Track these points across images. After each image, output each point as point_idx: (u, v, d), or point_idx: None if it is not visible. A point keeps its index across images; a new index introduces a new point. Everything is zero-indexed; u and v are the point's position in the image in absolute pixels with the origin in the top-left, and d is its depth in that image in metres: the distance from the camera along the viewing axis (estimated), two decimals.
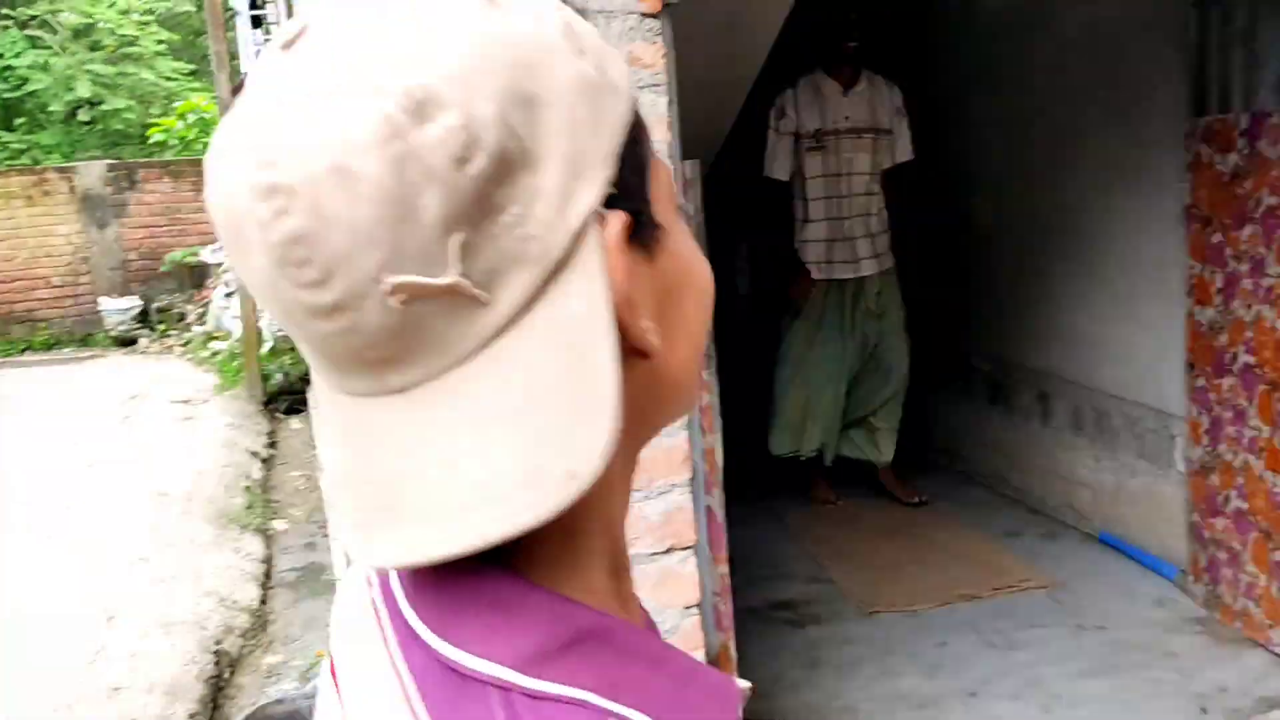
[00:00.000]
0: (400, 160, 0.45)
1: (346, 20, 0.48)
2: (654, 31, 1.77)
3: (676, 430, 1.86)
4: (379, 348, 0.48)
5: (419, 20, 0.47)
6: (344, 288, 0.46)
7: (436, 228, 0.46)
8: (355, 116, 0.45)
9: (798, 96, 4.13)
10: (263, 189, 0.46)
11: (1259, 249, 2.94)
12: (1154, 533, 3.71)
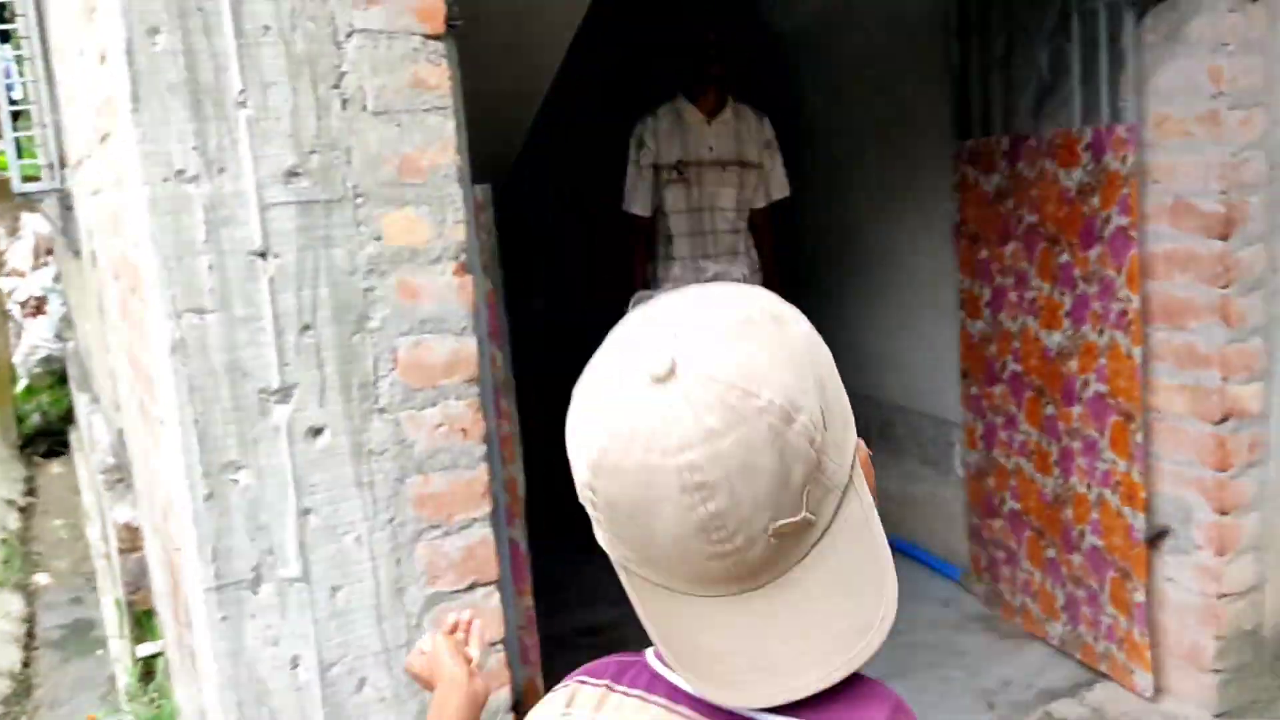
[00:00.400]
0: (781, 451, 0.70)
1: (714, 362, 0.70)
2: (438, 53, 1.71)
3: (475, 462, 1.80)
4: (753, 568, 0.72)
5: (758, 348, 0.72)
6: (744, 539, 0.70)
7: (800, 486, 0.71)
8: (755, 430, 0.69)
9: (658, 125, 3.81)
10: (691, 485, 0.69)
11: (1022, 264, 3.12)
12: (938, 536, 3.89)
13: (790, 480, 0.70)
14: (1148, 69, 2.65)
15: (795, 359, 0.73)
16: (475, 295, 1.80)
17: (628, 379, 0.72)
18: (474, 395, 1.78)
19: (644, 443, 0.70)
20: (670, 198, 3.81)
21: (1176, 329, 2.71)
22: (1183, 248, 2.65)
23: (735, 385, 0.70)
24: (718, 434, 0.69)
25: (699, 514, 0.69)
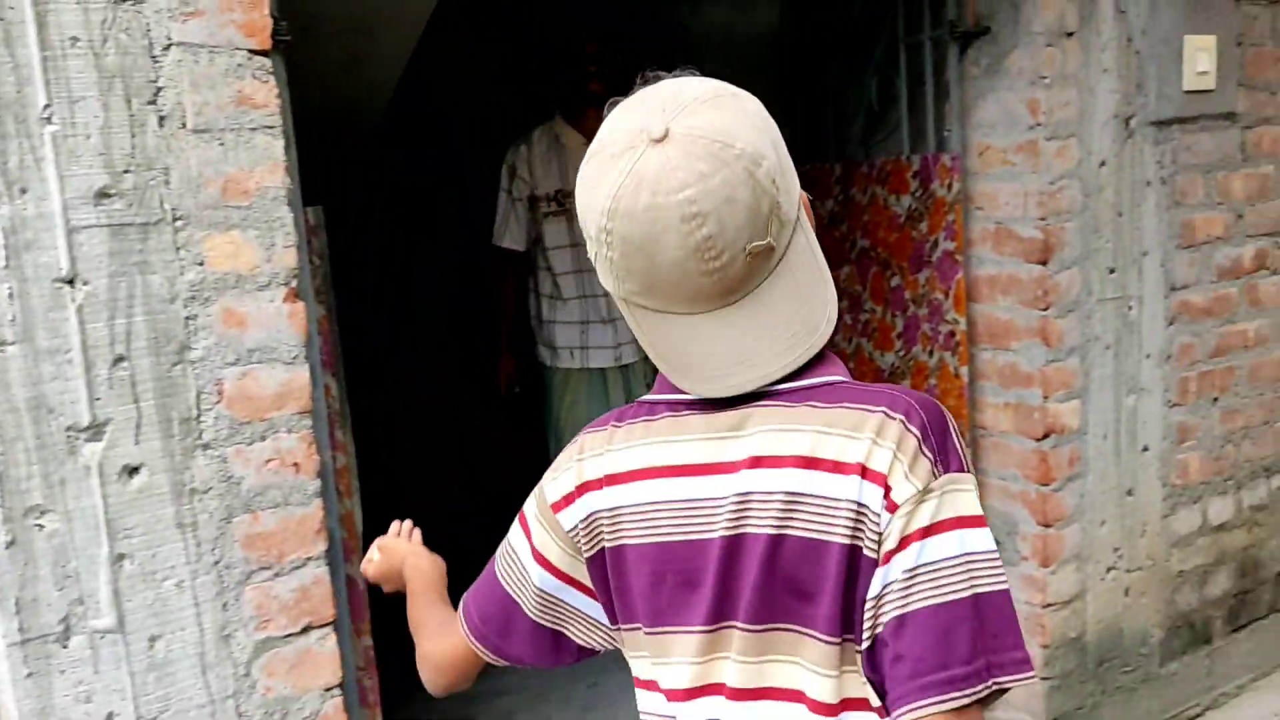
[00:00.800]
0: (753, 188, 0.92)
1: (698, 125, 0.92)
2: (264, 70, 1.63)
3: (308, 498, 1.71)
4: (732, 284, 0.94)
5: (730, 114, 0.94)
6: (728, 257, 0.92)
7: (766, 216, 0.93)
8: (734, 171, 0.91)
9: (531, 152, 3.42)
10: (688, 215, 0.90)
11: (856, 287, 3.21)
12: None
13: (759, 211, 0.93)
14: (970, 100, 2.77)
15: (755, 122, 0.96)
16: (308, 322, 1.72)
17: (631, 141, 0.94)
18: (306, 428, 1.70)
19: (650, 187, 0.92)
20: (551, 233, 3.43)
21: (1000, 349, 2.82)
22: (1005, 272, 2.76)
23: (716, 139, 0.92)
24: (707, 175, 0.91)
25: (695, 238, 0.91)
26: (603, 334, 3.44)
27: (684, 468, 1.01)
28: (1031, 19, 2.58)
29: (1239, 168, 2.96)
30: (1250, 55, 2.93)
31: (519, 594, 1.13)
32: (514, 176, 3.43)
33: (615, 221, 0.93)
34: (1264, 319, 3.09)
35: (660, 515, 1.01)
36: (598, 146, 0.97)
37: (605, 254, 0.97)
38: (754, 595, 0.96)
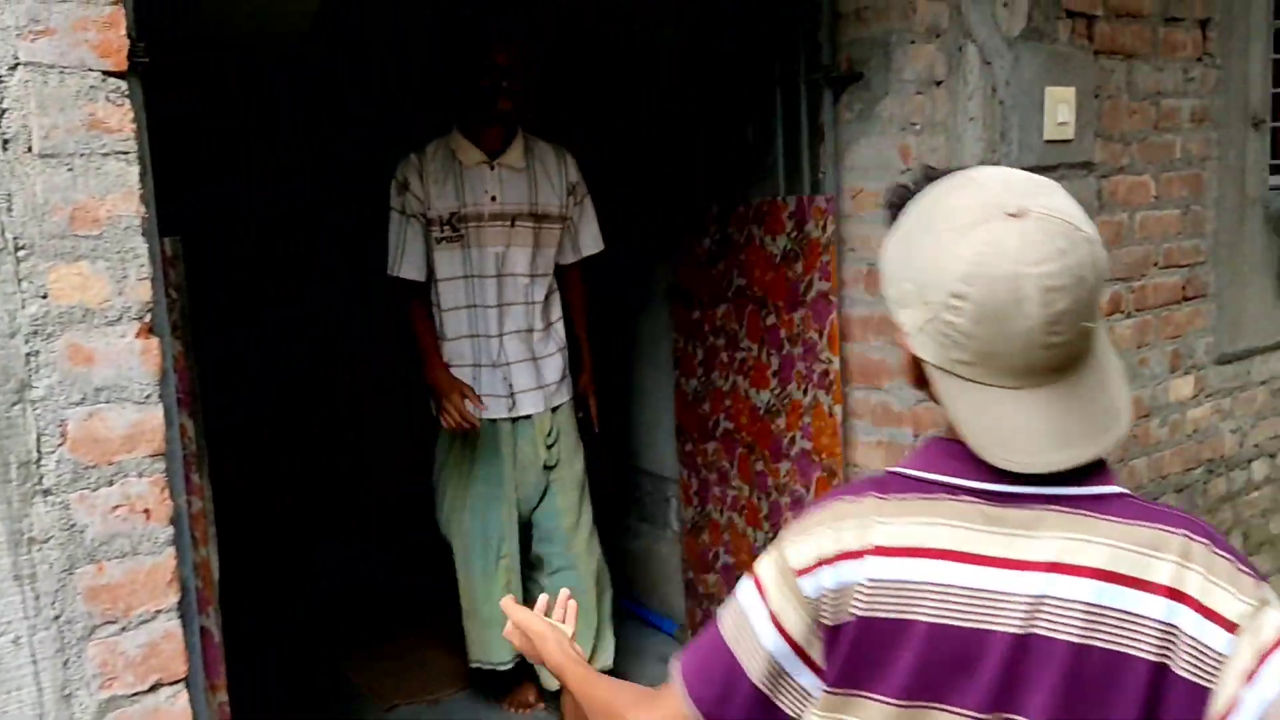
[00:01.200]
0: (1096, 271, 0.99)
1: (1052, 205, 0.99)
2: (120, 93, 1.54)
3: (161, 547, 1.61)
4: (1062, 362, 1.00)
5: (1070, 200, 1.02)
6: (1069, 335, 0.98)
7: (1097, 300, 1.00)
8: (1083, 254, 0.98)
9: (425, 166, 3.00)
10: (1048, 287, 0.96)
11: (733, 325, 3.23)
12: (655, 591, 3.93)
13: (1096, 294, 0.99)
14: (845, 144, 2.82)
15: (1084, 211, 1.02)
16: (163, 359, 1.62)
17: (985, 215, 0.99)
18: (159, 471, 1.60)
19: (1013, 257, 0.97)
20: (442, 261, 3.01)
21: (873, 388, 2.87)
22: (877, 313, 2.81)
23: (1069, 221, 0.99)
24: (1065, 253, 0.97)
25: (1049, 311, 0.96)
26: (494, 380, 3.06)
27: (973, 556, 1.03)
28: (903, 67, 2.65)
29: (1095, 215, 3.08)
30: (1107, 107, 3.06)
31: (747, 658, 1.13)
32: (404, 191, 3.00)
33: (973, 287, 0.97)
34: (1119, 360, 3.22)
35: (943, 597, 1.03)
36: (932, 220, 1.03)
37: (945, 319, 1.00)
38: (1051, 699, 0.98)
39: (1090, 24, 2.99)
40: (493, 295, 3.03)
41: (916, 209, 1.06)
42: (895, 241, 1.09)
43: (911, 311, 1.04)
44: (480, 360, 3.06)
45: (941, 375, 1.04)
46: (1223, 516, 3.69)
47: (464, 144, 3.03)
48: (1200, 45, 3.33)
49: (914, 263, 1.03)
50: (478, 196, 3.01)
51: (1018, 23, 2.81)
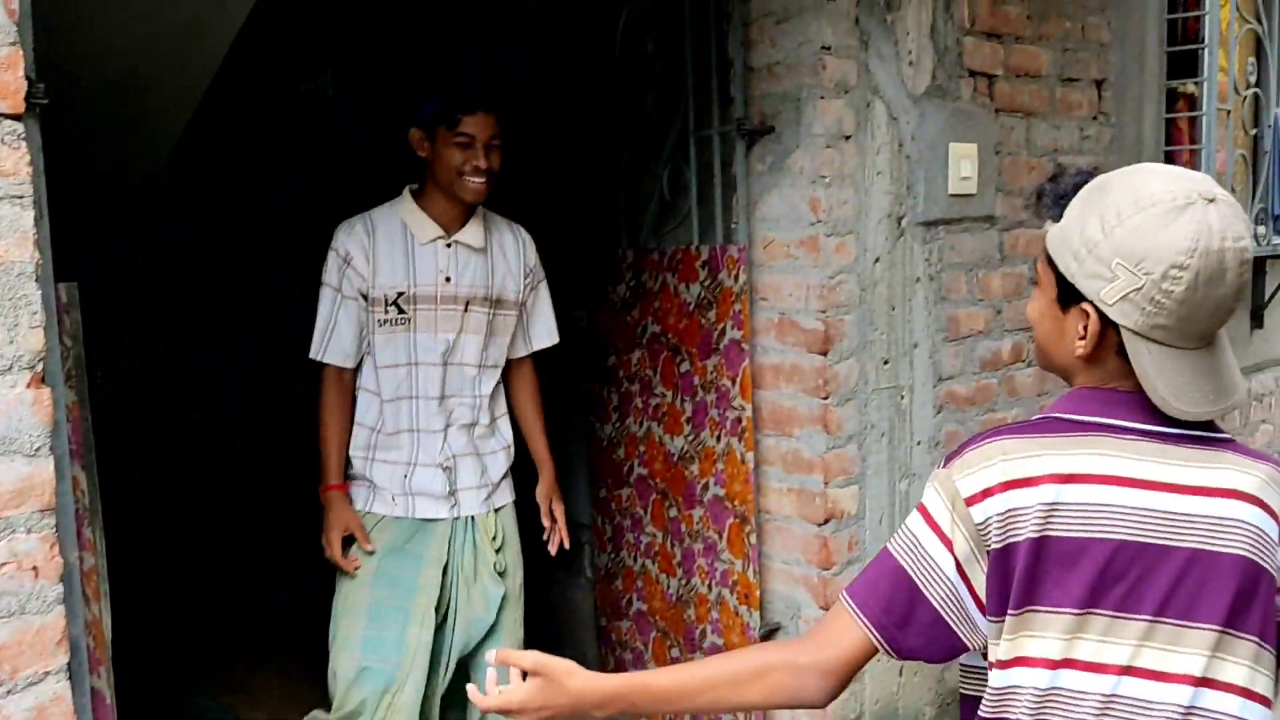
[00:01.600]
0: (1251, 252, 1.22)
1: (1225, 194, 1.21)
2: (16, 135, 1.49)
3: (50, 606, 1.54)
4: (1222, 326, 1.25)
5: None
6: (1241, 303, 1.24)
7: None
8: (1250, 237, 1.21)
9: (372, 237, 2.62)
10: (1244, 260, 1.19)
11: (647, 371, 3.24)
12: (570, 638, 3.89)
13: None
14: (756, 195, 2.87)
15: None
16: (55, 410, 1.57)
17: (1188, 198, 1.19)
18: (49, 527, 1.54)
19: (1220, 234, 1.17)
20: (383, 346, 2.65)
21: (784, 436, 2.90)
22: (788, 361, 2.85)
23: (1238, 207, 1.22)
24: (1247, 234, 1.21)
25: (1240, 281, 1.20)
26: (433, 478, 2.70)
27: (1158, 484, 1.22)
28: (813, 122, 2.71)
29: (998, 267, 3.18)
30: (1007, 163, 3.17)
31: (925, 583, 1.25)
32: (346, 266, 2.62)
33: (1195, 259, 1.17)
34: (1020, 408, 3.31)
35: (1132, 518, 1.21)
36: (1138, 203, 1.20)
37: (1163, 287, 1.18)
38: (1220, 604, 1.20)
39: (991, 83, 3.09)
40: (436, 386, 2.68)
41: (1109, 199, 1.23)
42: (1091, 226, 1.23)
43: (1116, 284, 1.21)
44: (418, 458, 2.69)
45: (1134, 339, 1.22)
46: None
47: (419, 216, 2.66)
48: (1096, 105, 3.46)
49: (1124, 241, 1.20)
50: (430, 276, 2.65)
51: (922, 81, 2.90)
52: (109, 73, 2.89)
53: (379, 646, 2.60)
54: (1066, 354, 1.30)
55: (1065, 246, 1.26)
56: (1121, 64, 3.54)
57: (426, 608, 2.65)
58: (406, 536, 2.69)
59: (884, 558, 1.30)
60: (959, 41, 2.98)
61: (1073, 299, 1.27)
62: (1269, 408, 4.62)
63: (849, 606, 1.31)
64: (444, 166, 2.61)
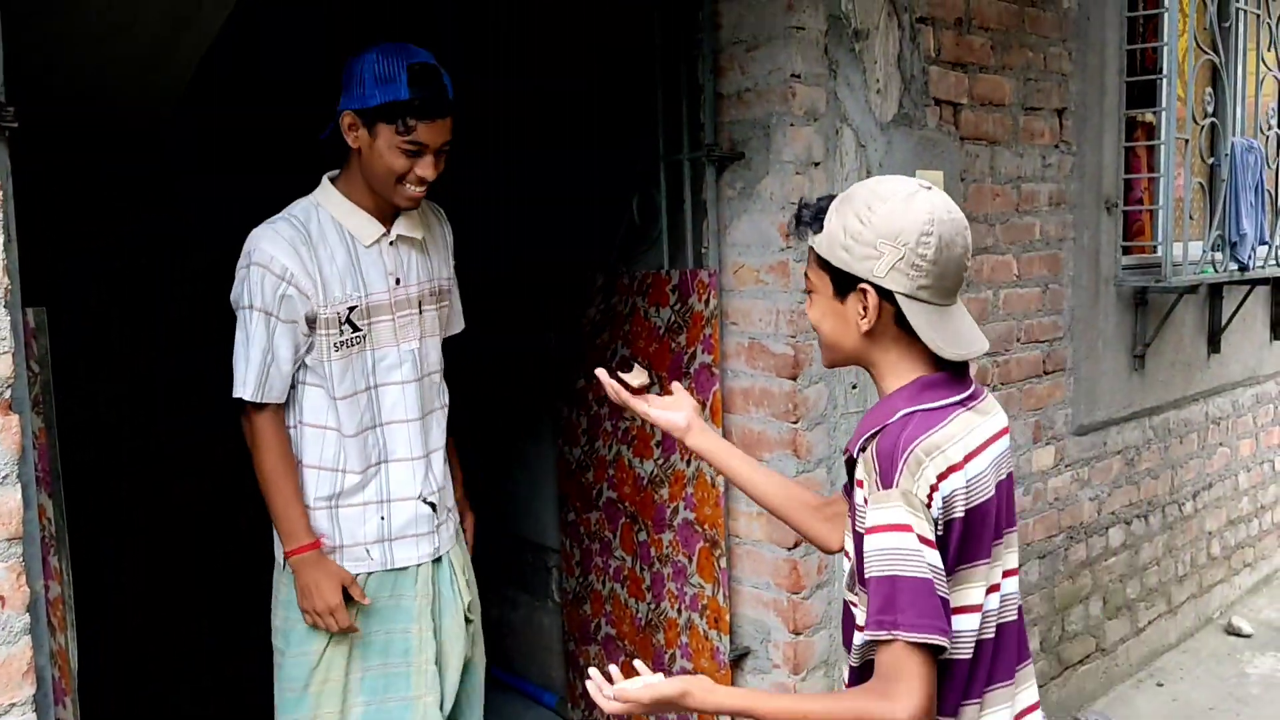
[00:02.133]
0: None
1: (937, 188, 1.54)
2: None
3: (16, 636, 1.52)
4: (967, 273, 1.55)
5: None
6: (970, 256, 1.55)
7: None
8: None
9: (312, 243, 2.19)
10: (966, 229, 1.51)
11: None
12: (535, 662, 3.87)
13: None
14: (726, 220, 2.89)
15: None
16: (23, 438, 1.54)
17: (911, 189, 1.50)
18: (15, 556, 1.51)
19: (945, 208, 1.48)
20: (340, 373, 2.24)
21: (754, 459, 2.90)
22: (758, 385, 2.87)
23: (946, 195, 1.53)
24: (958, 211, 1.52)
25: (969, 243, 1.50)
26: (413, 517, 2.35)
27: (984, 443, 1.52)
28: (782, 149, 2.73)
29: (963, 293, 3.21)
30: (972, 190, 3.21)
31: (936, 582, 1.42)
32: (285, 285, 2.16)
33: (935, 226, 1.46)
34: None
35: (989, 476, 1.51)
36: (879, 198, 1.49)
37: (919, 252, 1.45)
38: (1010, 512, 1.57)
39: (956, 111, 3.14)
40: (413, 405, 2.32)
41: (857, 201, 1.51)
42: (851, 222, 1.49)
43: (882, 260, 1.47)
44: (391, 493, 2.32)
45: (907, 302, 1.47)
46: (1083, 581, 3.84)
47: (357, 214, 2.25)
48: (1057, 133, 3.53)
49: (881, 225, 1.47)
50: (380, 282, 2.27)
51: (890, 109, 2.94)
52: (71, 92, 2.87)
53: (385, 718, 2.32)
54: (853, 337, 1.55)
55: (835, 244, 1.52)
56: (1082, 93, 3.60)
57: (427, 665, 2.35)
58: (387, 591, 2.34)
59: (898, 582, 1.41)
60: (925, 70, 3.03)
61: (848, 286, 1.52)
62: (1225, 430, 4.70)
63: (908, 637, 1.40)
64: (381, 167, 2.18)
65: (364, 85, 2.15)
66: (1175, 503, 4.36)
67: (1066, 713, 3.75)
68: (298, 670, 2.29)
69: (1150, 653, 4.26)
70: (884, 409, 1.52)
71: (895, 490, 1.43)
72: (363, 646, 2.32)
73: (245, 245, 2.21)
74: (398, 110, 2.14)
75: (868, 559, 1.45)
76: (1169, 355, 4.16)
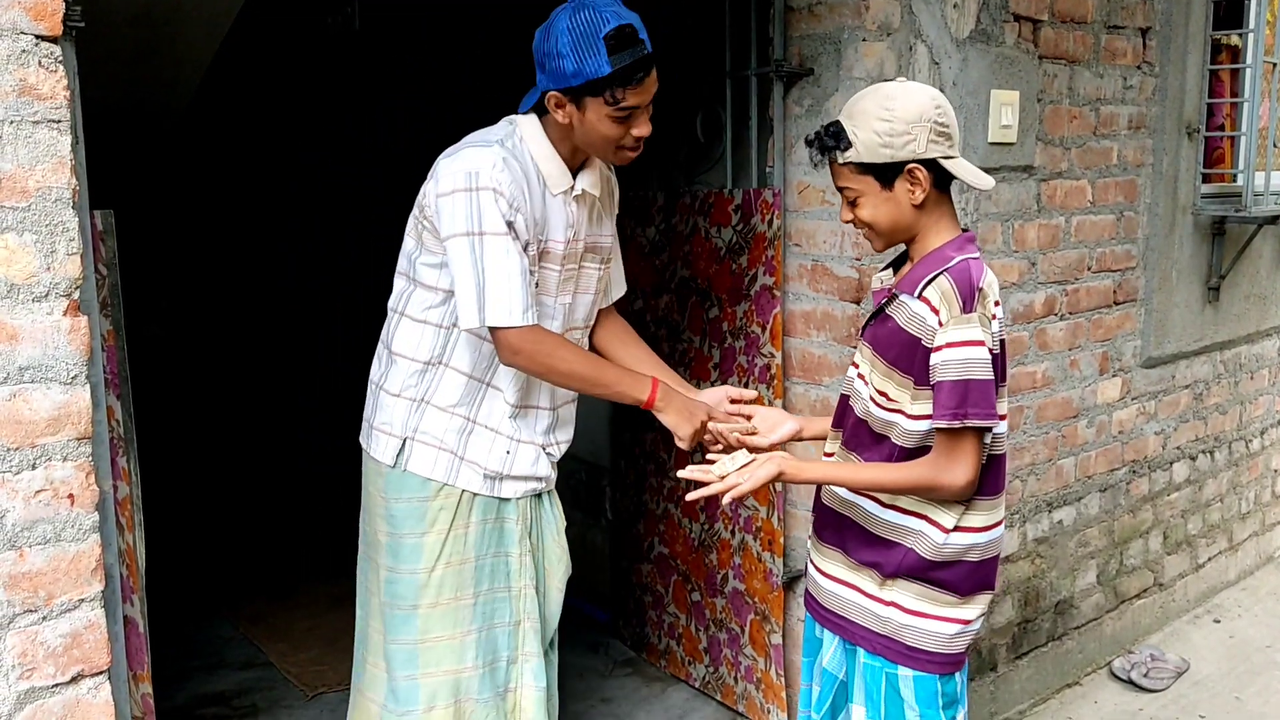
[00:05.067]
0: None
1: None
2: (53, 58, 1.47)
3: (85, 533, 1.54)
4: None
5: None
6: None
7: None
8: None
9: (526, 178, 2.16)
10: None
11: (675, 316, 3.21)
12: (588, 581, 3.90)
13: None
14: (793, 139, 2.82)
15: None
16: (91, 339, 1.56)
17: (902, 80, 1.89)
18: (85, 455, 1.54)
19: (930, 85, 2.03)
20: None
21: (813, 384, 2.87)
22: (820, 308, 2.82)
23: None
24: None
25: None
26: (534, 461, 2.35)
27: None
28: (853, 64, 2.65)
29: (1034, 218, 3.13)
30: (1049, 112, 3.10)
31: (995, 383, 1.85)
32: (514, 213, 2.12)
33: (936, 97, 1.83)
34: (1050, 362, 3.28)
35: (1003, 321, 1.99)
36: (892, 94, 1.82)
37: (939, 121, 1.82)
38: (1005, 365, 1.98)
39: (1036, 29, 3.02)
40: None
41: (870, 110, 1.82)
42: (879, 124, 1.80)
43: (919, 139, 1.80)
44: (522, 436, 2.32)
45: (949, 161, 1.83)
46: (1143, 516, 3.79)
47: (555, 163, 2.20)
48: (1140, 54, 3.38)
49: (903, 114, 1.80)
50: (560, 230, 2.24)
51: (966, 24, 2.83)
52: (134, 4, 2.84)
53: (493, 646, 2.35)
54: (908, 214, 1.87)
55: (874, 147, 1.81)
56: (1168, 12, 3.45)
57: (527, 590, 2.38)
58: (492, 514, 2.33)
59: (978, 383, 1.78)
60: None
61: (893, 175, 1.83)
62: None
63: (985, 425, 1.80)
64: (596, 136, 2.13)
65: (563, 62, 2.04)
66: (1242, 439, 4.26)
67: (1120, 646, 3.72)
68: (407, 589, 2.27)
69: (1209, 589, 4.20)
70: (937, 257, 1.85)
71: (974, 314, 1.78)
72: (474, 570, 2.30)
73: (459, 165, 2.10)
74: (603, 85, 2.04)
75: (943, 368, 1.79)
76: (1244, 288, 4.03)
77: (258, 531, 4.75)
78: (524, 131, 2.19)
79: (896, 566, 1.92)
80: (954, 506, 1.90)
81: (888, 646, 1.95)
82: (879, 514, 1.95)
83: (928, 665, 1.93)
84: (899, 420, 1.90)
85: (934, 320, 1.81)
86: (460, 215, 2.08)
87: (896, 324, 1.88)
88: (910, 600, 1.93)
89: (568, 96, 2.09)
